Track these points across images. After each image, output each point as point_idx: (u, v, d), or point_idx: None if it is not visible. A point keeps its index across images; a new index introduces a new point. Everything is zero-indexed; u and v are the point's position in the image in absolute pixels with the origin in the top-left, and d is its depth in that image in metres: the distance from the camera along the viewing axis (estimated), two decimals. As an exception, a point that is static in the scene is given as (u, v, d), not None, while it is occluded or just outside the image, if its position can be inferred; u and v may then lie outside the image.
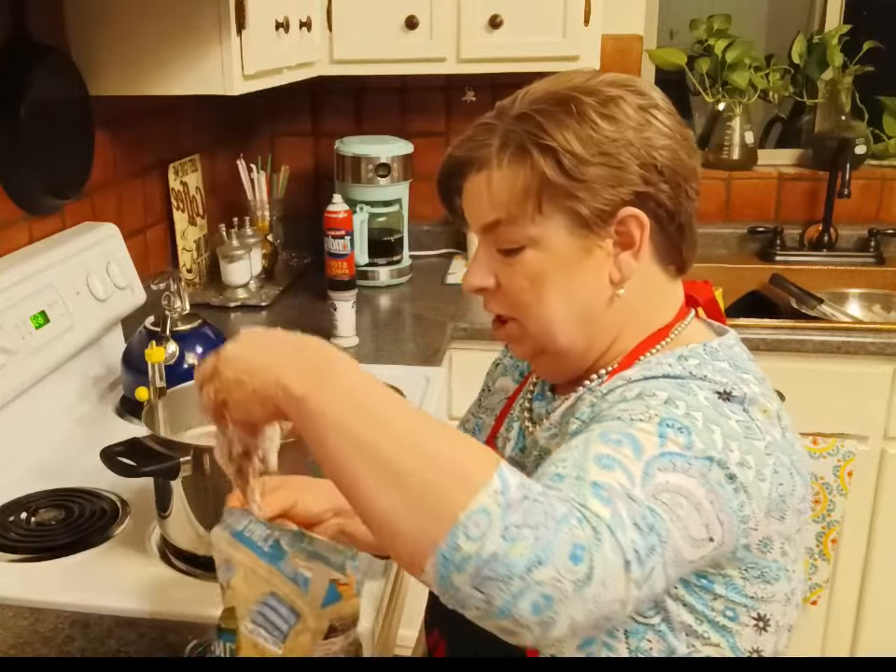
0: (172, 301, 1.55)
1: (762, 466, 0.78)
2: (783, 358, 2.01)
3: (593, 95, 0.86)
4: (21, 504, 1.29)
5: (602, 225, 0.86)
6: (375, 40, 2.15)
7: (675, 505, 0.71)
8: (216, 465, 1.09)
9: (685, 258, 0.92)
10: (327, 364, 0.71)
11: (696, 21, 2.60)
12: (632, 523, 0.68)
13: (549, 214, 0.86)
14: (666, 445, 0.74)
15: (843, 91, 2.55)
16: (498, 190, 0.88)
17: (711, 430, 0.76)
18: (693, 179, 0.89)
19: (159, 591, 1.11)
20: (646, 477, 0.71)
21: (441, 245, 2.61)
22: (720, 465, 0.75)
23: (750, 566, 0.81)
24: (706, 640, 0.81)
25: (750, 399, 0.81)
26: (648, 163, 0.85)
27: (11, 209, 1.54)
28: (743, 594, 0.82)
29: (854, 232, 2.53)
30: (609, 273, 0.88)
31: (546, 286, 0.88)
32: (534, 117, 0.86)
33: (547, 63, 2.12)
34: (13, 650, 1.01)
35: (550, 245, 0.87)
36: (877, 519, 2.10)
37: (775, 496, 0.79)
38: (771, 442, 0.80)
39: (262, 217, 2.38)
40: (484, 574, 0.62)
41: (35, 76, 1.51)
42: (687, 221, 0.89)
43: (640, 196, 0.85)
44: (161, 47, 1.64)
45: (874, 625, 2.17)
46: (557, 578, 0.63)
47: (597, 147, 0.84)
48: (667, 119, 0.87)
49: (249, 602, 0.81)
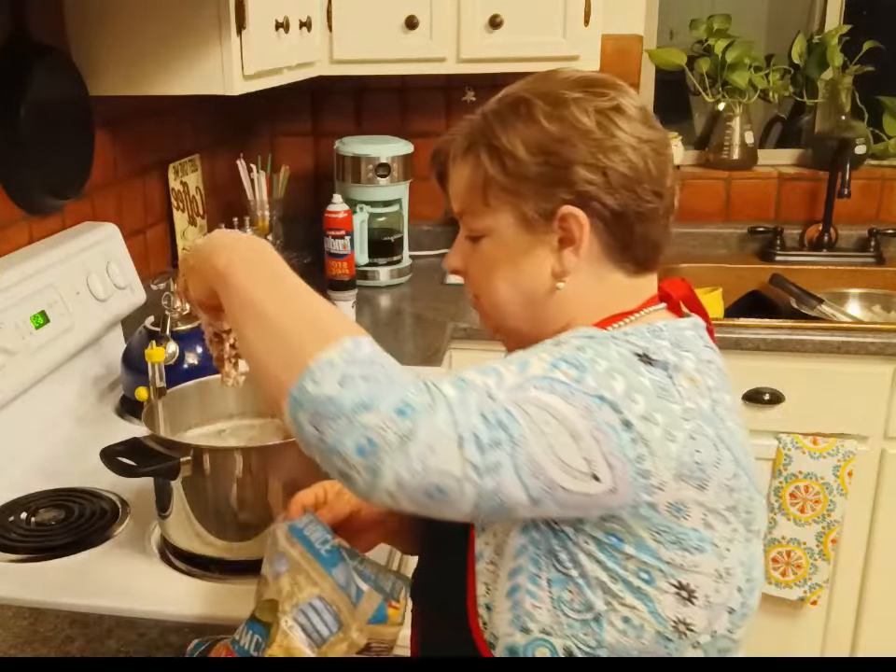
0: (172, 301, 1.55)
1: (673, 427, 0.79)
2: (783, 358, 2.01)
3: (546, 97, 0.90)
4: (20, 504, 1.29)
5: (544, 222, 0.90)
6: (375, 40, 2.15)
7: (539, 420, 0.75)
8: (216, 465, 1.10)
9: (641, 256, 0.93)
10: (256, 253, 0.88)
11: (696, 21, 2.60)
12: (479, 412, 0.74)
13: (496, 208, 0.92)
14: (554, 373, 0.78)
15: (843, 91, 2.55)
16: (458, 183, 0.96)
17: (613, 377, 0.79)
18: (648, 182, 0.90)
19: (159, 591, 1.11)
20: (518, 388, 0.76)
21: (440, 245, 2.61)
22: (613, 407, 0.77)
23: (662, 529, 0.82)
24: (621, 600, 0.83)
25: (675, 367, 0.83)
26: (593, 164, 0.88)
27: (11, 209, 1.54)
28: (657, 557, 0.82)
29: (854, 232, 2.53)
30: (552, 267, 0.92)
31: (496, 272, 0.94)
32: (489, 117, 0.93)
33: (547, 62, 2.09)
34: (13, 650, 1.01)
35: (500, 236, 0.93)
36: (877, 519, 2.10)
37: (688, 460, 0.80)
38: (691, 409, 0.81)
39: (262, 216, 2.38)
40: (319, 412, 0.73)
41: (35, 76, 1.51)
42: (639, 221, 0.91)
43: (582, 196, 0.88)
44: (161, 47, 1.64)
45: (874, 625, 2.17)
46: (381, 426, 0.72)
47: (539, 148, 0.88)
48: (628, 122, 0.89)
49: (295, 600, 0.81)
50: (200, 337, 1.57)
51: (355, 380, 0.73)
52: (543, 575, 0.84)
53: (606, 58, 2.21)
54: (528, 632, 0.85)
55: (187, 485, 1.10)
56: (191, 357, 1.54)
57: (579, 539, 0.81)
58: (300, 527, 0.85)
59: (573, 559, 0.82)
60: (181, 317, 1.57)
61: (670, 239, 0.95)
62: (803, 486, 2.05)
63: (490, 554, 0.87)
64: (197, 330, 1.58)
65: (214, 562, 1.14)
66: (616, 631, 0.83)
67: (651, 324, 0.89)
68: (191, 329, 1.57)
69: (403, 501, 0.74)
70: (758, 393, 2.03)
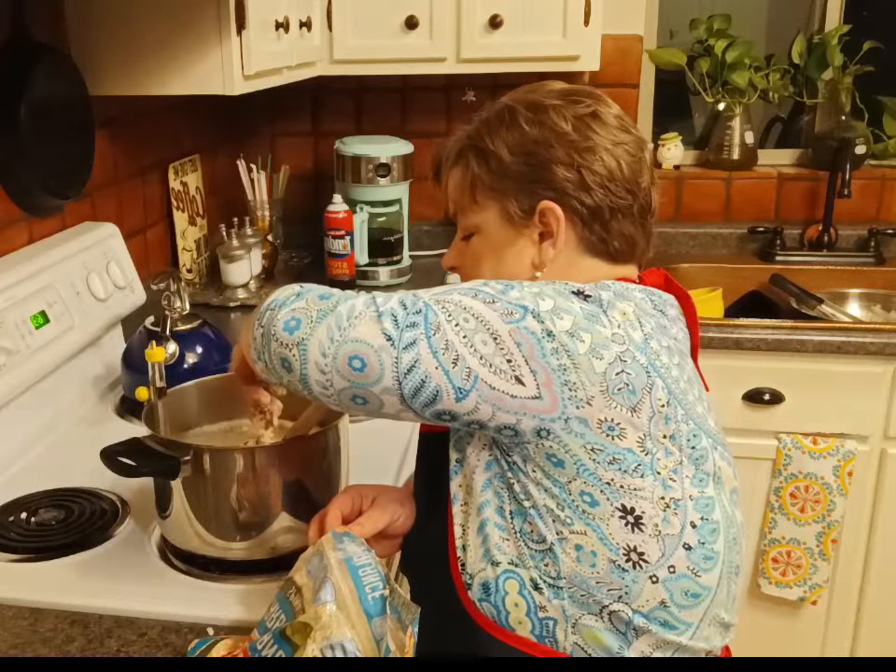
0: (172, 301, 1.55)
1: (600, 347, 0.85)
2: (783, 358, 2.01)
3: (530, 105, 1.00)
4: (20, 504, 1.29)
5: (525, 217, 0.99)
6: (375, 40, 2.15)
7: (458, 316, 0.84)
8: (216, 465, 1.10)
9: (616, 249, 1.00)
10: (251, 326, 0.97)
11: (696, 21, 2.60)
12: (399, 301, 0.86)
13: (483, 205, 1.02)
14: (479, 287, 0.87)
15: (843, 91, 2.55)
16: (452, 185, 1.06)
17: (542, 298, 0.86)
18: (621, 180, 0.98)
19: (159, 591, 1.11)
20: (442, 293, 0.86)
21: (440, 245, 2.61)
22: (535, 317, 0.84)
23: (597, 447, 0.86)
24: (570, 528, 0.87)
25: (609, 303, 0.89)
26: (568, 164, 0.96)
27: (11, 209, 1.54)
28: (596, 477, 0.86)
29: (854, 232, 2.53)
30: (532, 258, 1.00)
31: (482, 265, 1.03)
32: (476, 123, 1.04)
33: (547, 62, 2.12)
34: (13, 650, 1.01)
35: (486, 232, 1.02)
36: (877, 519, 2.10)
37: (615, 379, 0.85)
38: (621, 335, 0.87)
39: (262, 217, 2.38)
40: (266, 315, 0.91)
41: (35, 76, 1.51)
42: (614, 217, 0.98)
43: (560, 193, 0.97)
44: (161, 47, 1.64)
45: (874, 625, 2.17)
46: (305, 307, 0.88)
47: (521, 149, 0.98)
48: (602, 128, 0.98)
49: (329, 632, 0.81)
50: (200, 337, 1.58)
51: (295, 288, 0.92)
52: (506, 507, 0.90)
53: (606, 58, 2.21)
54: (497, 564, 0.90)
55: (187, 485, 1.10)
56: (191, 357, 1.54)
57: (527, 468, 0.88)
58: (356, 564, 0.86)
59: (525, 490, 0.88)
60: (181, 317, 1.57)
61: (651, 236, 1.03)
62: (803, 486, 2.05)
63: (463, 496, 0.94)
64: (197, 330, 1.58)
65: (214, 562, 1.14)
66: (571, 561, 0.88)
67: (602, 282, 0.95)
68: (191, 329, 1.57)
69: (334, 377, 0.84)
70: (758, 393, 2.03)
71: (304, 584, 0.87)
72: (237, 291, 2.19)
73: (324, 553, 0.88)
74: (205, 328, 1.60)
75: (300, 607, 0.85)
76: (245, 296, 2.19)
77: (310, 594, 0.85)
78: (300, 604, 0.86)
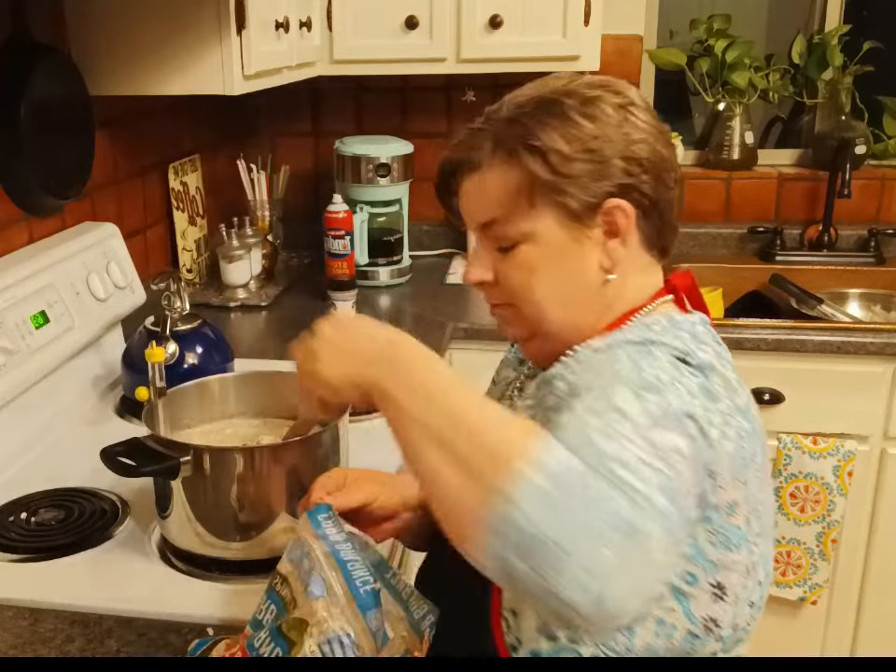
0: (172, 301, 1.55)
1: (724, 426, 0.81)
2: (783, 358, 2.01)
3: (574, 97, 0.92)
4: (21, 504, 1.29)
5: (590, 216, 0.92)
6: (375, 40, 2.15)
7: (674, 461, 0.75)
8: (216, 465, 1.10)
9: (667, 242, 0.98)
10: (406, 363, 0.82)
11: (696, 21, 2.60)
12: (658, 488, 0.70)
13: (540, 209, 0.92)
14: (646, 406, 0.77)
15: (843, 91, 2.55)
16: (493, 190, 0.94)
17: (678, 388, 0.80)
18: (670, 169, 0.95)
19: (159, 591, 1.11)
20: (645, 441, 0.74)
21: (440, 245, 2.62)
22: (692, 419, 0.79)
23: (718, 529, 0.82)
24: (660, 604, 0.82)
25: (708, 366, 0.85)
26: (629, 157, 0.91)
27: (11, 209, 1.54)
28: (705, 557, 0.83)
29: (854, 232, 2.53)
30: (599, 260, 0.93)
31: (540, 276, 0.94)
32: (520, 120, 0.92)
33: (547, 63, 2.12)
34: (13, 650, 1.01)
35: (542, 239, 0.93)
36: (877, 519, 2.10)
37: (737, 458, 0.82)
38: (731, 406, 0.83)
39: (262, 217, 2.38)
40: (529, 546, 0.65)
41: (35, 76, 1.51)
42: (667, 208, 0.95)
43: (623, 187, 0.91)
44: (161, 47, 1.64)
45: (874, 625, 2.17)
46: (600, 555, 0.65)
47: (581, 145, 0.90)
48: (644, 114, 0.93)
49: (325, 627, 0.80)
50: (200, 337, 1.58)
51: (559, 502, 0.66)
52: None
53: (606, 58, 2.21)
54: (555, 640, 0.84)
55: (187, 485, 1.10)
56: (191, 357, 1.54)
57: None
58: (344, 559, 0.85)
59: None
60: (181, 317, 1.57)
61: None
62: (803, 486, 2.05)
63: None
64: (197, 330, 1.58)
65: (214, 562, 1.14)
66: (648, 635, 0.82)
67: (670, 316, 0.92)
68: (191, 329, 1.57)
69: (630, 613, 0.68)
70: (758, 393, 2.02)
71: (289, 573, 0.86)
72: (237, 291, 2.19)
73: (304, 540, 0.87)
74: (205, 328, 1.60)
75: (290, 597, 0.85)
76: (245, 296, 2.19)
77: (298, 583, 0.84)
78: (289, 594, 0.85)
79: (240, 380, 1.30)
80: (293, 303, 2.23)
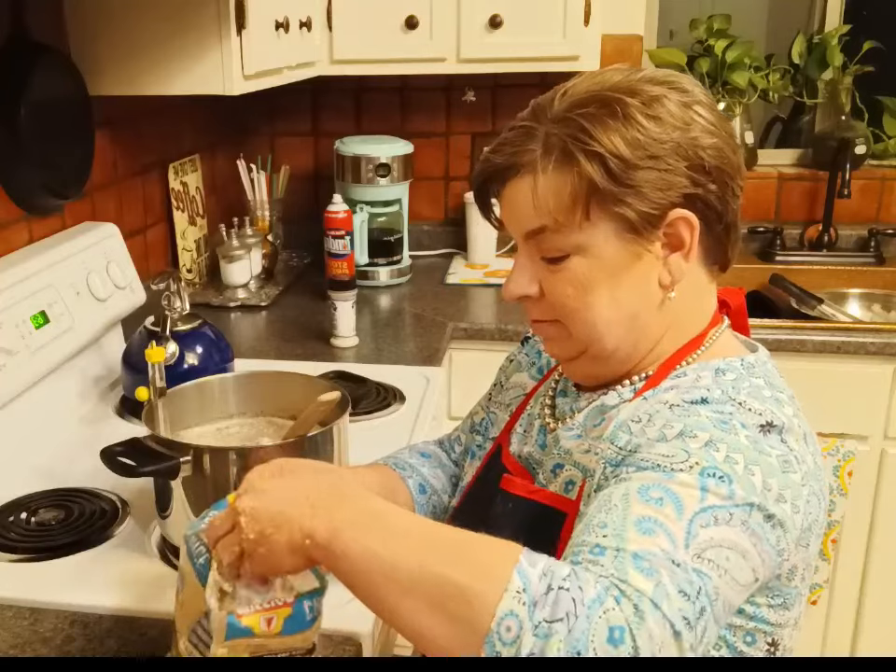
0: (172, 301, 1.55)
1: (797, 498, 0.78)
2: (783, 358, 1.99)
3: (636, 95, 0.84)
4: (21, 504, 1.29)
5: (651, 229, 0.85)
6: (375, 40, 2.15)
7: (721, 560, 0.71)
8: (215, 465, 1.10)
9: (730, 256, 0.91)
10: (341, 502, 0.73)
11: (696, 21, 2.60)
12: (677, 591, 0.67)
13: (596, 220, 0.84)
14: (707, 499, 0.73)
15: (843, 91, 2.55)
16: (544, 197, 0.86)
17: (751, 473, 0.75)
18: (738, 177, 0.88)
19: (159, 591, 1.10)
20: (689, 536, 0.71)
21: (441, 245, 2.61)
22: (759, 509, 0.75)
23: (777, 594, 0.81)
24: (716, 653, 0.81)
25: (788, 428, 0.81)
26: (696, 164, 0.84)
27: (11, 209, 1.54)
28: (765, 620, 0.81)
29: (854, 232, 2.53)
30: (659, 277, 0.87)
31: (594, 292, 0.87)
32: (577, 120, 0.84)
33: (547, 63, 2.12)
34: (13, 650, 1.00)
35: (597, 252, 0.86)
36: (877, 519, 2.10)
37: (805, 525, 0.80)
38: (806, 472, 0.80)
39: (262, 216, 2.38)
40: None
41: (35, 76, 1.51)
42: (733, 220, 0.89)
43: (689, 198, 0.84)
44: (161, 47, 1.64)
45: (874, 625, 2.17)
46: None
47: (645, 150, 0.82)
48: (710, 114, 0.86)
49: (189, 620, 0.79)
50: (200, 337, 1.58)
51: (552, 625, 0.63)
52: None
53: (606, 58, 2.20)
54: None
55: (187, 485, 1.10)
56: (191, 357, 1.54)
57: None
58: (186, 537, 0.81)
59: None
60: (181, 317, 1.57)
61: None
62: (803, 486, 2.04)
63: None
64: (197, 330, 1.58)
65: (214, 562, 1.14)
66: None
67: (743, 359, 0.88)
68: (191, 329, 1.57)
69: None
70: (758, 393, 2.02)
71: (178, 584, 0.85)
72: (237, 291, 2.19)
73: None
74: (205, 328, 1.60)
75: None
76: (245, 296, 2.20)
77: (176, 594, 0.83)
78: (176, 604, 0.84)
79: (240, 380, 1.30)
80: (293, 303, 2.23)
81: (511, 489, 0.96)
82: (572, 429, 0.94)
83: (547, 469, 0.94)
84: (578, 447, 0.91)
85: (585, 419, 0.93)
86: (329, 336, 1.92)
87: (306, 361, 1.82)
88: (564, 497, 0.89)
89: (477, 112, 2.52)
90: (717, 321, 0.94)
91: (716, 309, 0.95)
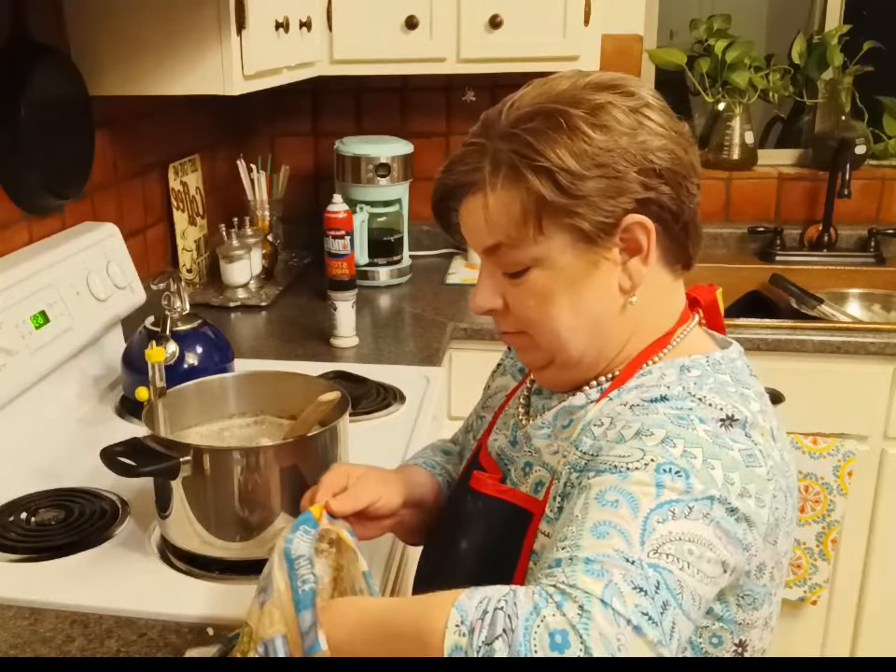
0: (172, 301, 1.55)
1: (762, 493, 0.78)
2: (783, 358, 2.01)
3: (581, 105, 0.84)
4: (20, 504, 1.29)
5: (606, 237, 0.85)
6: (375, 40, 2.15)
7: (682, 553, 0.71)
8: (216, 465, 1.10)
9: (691, 254, 0.91)
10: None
11: (696, 21, 2.60)
12: (632, 587, 0.67)
13: (550, 233, 0.85)
14: (663, 494, 0.73)
15: (843, 91, 2.55)
16: (496, 214, 0.86)
17: (711, 466, 0.75)
18: (692, 175, 0.87)
19: (159, 591, 1.11)
20: (645, 533, 0.71)
21: (440, 245, 2.61)
22: (721, 502, 0.74)
23: (746, 592, 0.81)
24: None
25: (751, 423, 0.80)
26: (646, 168, 0.83)
27: (11, 209, 1.54)
28: (733, 621, 0.81)
29: (854, 232, 2.53)
30: (619, 282, 0.87)
31: (555, 302, 0.88)
32: (522, 136, 0.84)
33: (547, 63, 2.11)
34: (13, 650, 1.01)
35: (554, 263, 0.86)
36: (877, 519, 2.10)
37: (772, 520, 0.79)
38: (772, 467, 0.80)
39: (262, 216, 2.38)
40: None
41: (35, 76, 1.51)
42: (691, 218, 0.88)
43: (642, 202, 0.84)
44: (161, 47, 1.64)
45: (874, 625, 2.17)
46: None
47: (592, 160, 0.82)
48: (660, 116, 0.86)
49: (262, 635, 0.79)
50: (200, 337, 1.58)
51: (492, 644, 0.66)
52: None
53: (606, 58, 2.21)
54: None
55: (187, 485, 1.10)
56: (191, 357, 1.54)
57: None
58: (292, 557, 0.82)
59: None
60: (181, 317, 1.57)
61: None
62: (803, 486, 2.04)
63: None
64: (197, 330, 1.58)
65: (214, 562, 1.14)
66: None
67: (709, 355, 0.88)
68: (191, 329, 1.57)
69: None
70: (758, 393, 2.02)
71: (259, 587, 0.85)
72: (237, 291, 2.19)
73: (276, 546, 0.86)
74: (205, 328, 1.60)
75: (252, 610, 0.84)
76: (245, 296, 2.20)
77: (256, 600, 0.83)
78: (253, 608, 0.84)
79: (240, 380, 1.30)
80: (293, 303, 2.23)
81: (481, 488, 0.97)
82: (542, 427, 0.94)
83: (518, 466, 0.95)
84: (547, 447, 0.92)
85: (555, 418, 0.94)
86: (329, 336, 1.92)
87: (306, 361, 1.82)
88: (533, 497, 0.90)
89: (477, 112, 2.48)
90: (685, 319, 0.94)
91: (685, 307, 0.94)
